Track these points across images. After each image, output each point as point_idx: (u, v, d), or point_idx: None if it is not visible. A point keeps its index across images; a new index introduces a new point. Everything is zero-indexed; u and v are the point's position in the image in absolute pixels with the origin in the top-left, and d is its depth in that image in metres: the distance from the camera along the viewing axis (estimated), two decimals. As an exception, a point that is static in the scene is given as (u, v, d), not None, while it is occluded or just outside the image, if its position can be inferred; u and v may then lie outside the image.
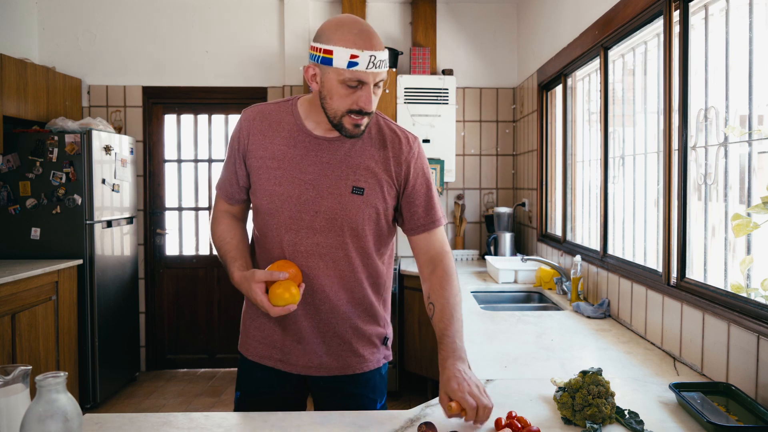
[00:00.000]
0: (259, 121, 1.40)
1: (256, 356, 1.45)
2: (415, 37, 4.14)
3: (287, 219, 1.35)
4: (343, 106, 1.26)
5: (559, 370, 1.59)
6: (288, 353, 1.42)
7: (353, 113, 1.27)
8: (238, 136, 1.41)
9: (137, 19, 4.20)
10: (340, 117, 1.28)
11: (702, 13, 1.78)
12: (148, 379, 4.12)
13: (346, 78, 1.23)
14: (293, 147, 1.36)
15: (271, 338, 1.43)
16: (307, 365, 1.42)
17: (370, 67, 1.22)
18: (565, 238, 3.09)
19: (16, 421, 0.97)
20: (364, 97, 1.25)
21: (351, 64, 1.21)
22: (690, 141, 1.78)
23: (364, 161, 1.36)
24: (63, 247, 3.49)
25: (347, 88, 1.25)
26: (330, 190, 1.34)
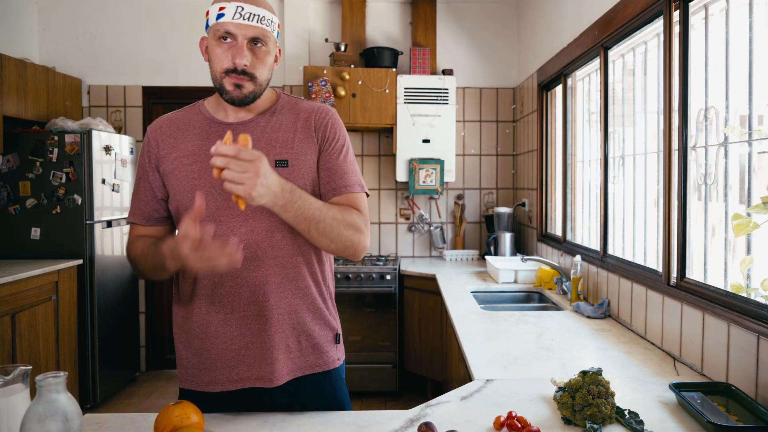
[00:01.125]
0: (166, 127, 1.35)
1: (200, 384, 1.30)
2: (415, 37, 4.14)
3: (214, 211, 1.27)
4: (220, 66, 1.24)
5: (559, 370, 1.59)
6: (234, 367, 1.28)
7: (229, 73, 1.23)
8: (147, 150, 1.35)
9: (137, 19, 4.20)
10: (220, 79, 1.25)
11: (702, 13, 1.78)
12: (148, 379, 4.12)
13: (216, 32, 1.22)
14: (206, 139, 1.30)
15: (210, 358, 1.29)
16: (257, 376, 1.28)
17: (237, 18, 1.20)
18: (565, 238, 3.09)
19: (16, 421, 0.97)
20: (235, 51, 1.21)
21: (219, 17, 1.21)
22: (690, 141, 1.78)
23: (282, 134, 1.31)
24: (63, 247, 3.50)
25: (221, 44, 1.22)
26: None
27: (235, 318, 1.28)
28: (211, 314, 1.29)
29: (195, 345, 1.31)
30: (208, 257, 1.09)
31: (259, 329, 1.28)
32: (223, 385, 1.28)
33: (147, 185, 1.36)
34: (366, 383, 3.62)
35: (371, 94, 3.83)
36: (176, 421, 1.05)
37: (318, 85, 3.73)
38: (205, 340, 1.29)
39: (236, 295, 1.28)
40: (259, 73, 1.25)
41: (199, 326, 1.30)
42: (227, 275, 1.28)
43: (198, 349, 1.30)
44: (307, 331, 1.33)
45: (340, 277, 3.60)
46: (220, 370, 1.28)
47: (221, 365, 1.28)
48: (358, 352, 3.61)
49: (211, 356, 1.29)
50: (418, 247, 4.28)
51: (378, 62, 3.90)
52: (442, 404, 1.31)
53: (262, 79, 1.27)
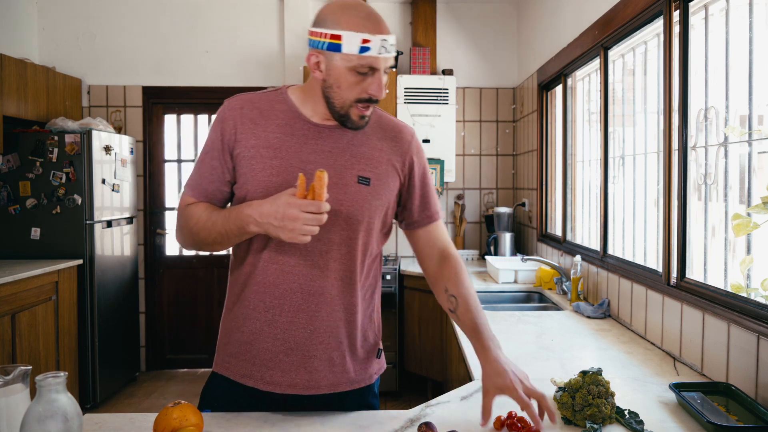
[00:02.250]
0: (248, 109, 1.27)
1: (233, 373, 1.29)
2: (415, 37, 4.14)
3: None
4: (352, 95, 1.19)
5: (559, 370, 1.59)
6: (272, 369, 1.25)
7: (362, 102, 1.20)
8: (222, 127, 1.27)
9: (137, 19, 4.20)
10: (348, 107, 1.20)
11: (702, 13, 1.78)
12: (148, 379, 4.12)
13: (357, 64, 1.15)
14: (291, 135, 1.25)
15: (251, 352, 1.27)
16: (293, 383, 1.25)
17: (382, 52, 1.14)
18: (565, 238, 3.09)
19: (16, 421, 0.97)
20: (375, 84, 1.17)
21: (363, 50, 1.13)
22: (690, 141, 1.78)
23: (368, 151, 1.28)
24: (63, 247, 3.49)
25: (357, 75, 1.16)
26: (334, 180, 1.22)
27: (282, 321, 1.25)
28: (259, 311, 1.26)
29: (236, 336, 1.29)
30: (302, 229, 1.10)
31: (304, 338, 1.25)
32: (255, 381, 1.26)
33: (217, 164, 1.28)
34: (366, 383, 3.62)
35: (371, 94, 3.82)
36: (175, 423, 1.04)
37: (318, 85, 3.73)
38: (246, 334, 1.27)
39: (289, 300, 1.25)
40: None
41: (245, 319, 1.28)
42: (286, 278, 1.25)
43: (238, 341, 1.29)
44: (352, 347, 1.31)
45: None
46: (256, 367, 1.26)
47: (258, 363, 1.26)
48: (358, 352, 3.60)
49: (251, 351, 1.27)
50: (418, 247, 4.27)
51: (378, 62, 3.90)
52: (442, 404, 1.31)
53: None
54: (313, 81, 1.24)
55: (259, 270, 1.26)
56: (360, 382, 1.32)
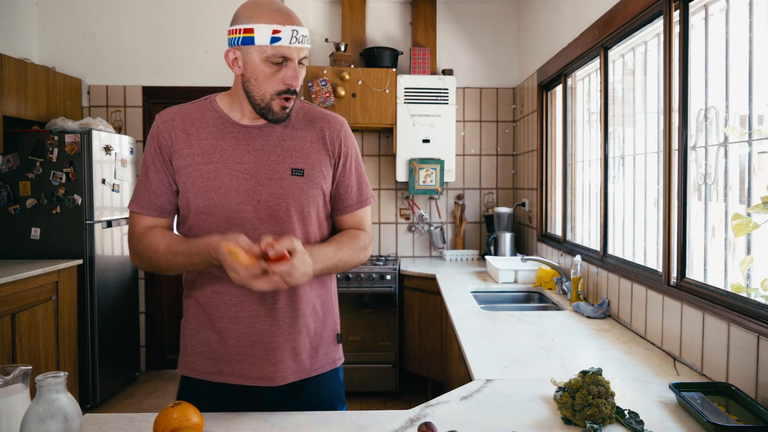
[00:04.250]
0: (178, 120, 1.31)
1: (203, 373, 1.32)
2: (415, 37, 4.14)
3: (228, 213, 1.27)
4: (270, 88, 1.23)
5: (559, 370, 1.59)
6: (240, 362, 1.30)
7: (281, 94, 1.24)
8: (157, 141, 1.30)
9: (137, 19, 4.20)
10: (269, 100, 1.25)
11: (702, 13, 1.78)
12: (148, 379, 4.12)
13: (270, 55, 1.20)
14: (222, 139, 1.29)
15: (217, 350, 1.31)
16: (261, 375, 1.30)
17: (293, 41, 1.20)
18: (565, 238, 3.09)
19: (16, 421, 0.97)
20: (290, 74, 1.22)
21: (274, 40, 1.19)
22: (690, 141, 1.78)
23: (298, 144, 1.32)
24: (63, 247, 3.50)
25: (271, 66, 1.22)
26: (269, 176, 1.28)
27: (245, 316, 1.30)
28: (221, 309, 1.31)
29: (202, 335, 1.33)
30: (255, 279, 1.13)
31: (266, 330, 1.30)
32: (225, 377, 1.31)
33: (162, 176, 1.31)
34: (366, 383, 3.62)
35: (371, 94, 3.83)
36: (175, 423, 1.05)
37: (318, 85, 3.73)
38: (212, 333, 1.31)
39: (247, 294, 1.29)
40: (299, 88, 1.28)
41: (209, 319, 1.32)
42: None
43: (204, 339, 1.32)
44: (313, 335, 1.36)
45: (340, 277, 3.60)
46: (225, 363, 1.31)
47: (227, 359, 1.30)
48: (358, 352, 3.60)
49: (218, 349, 1.31)
50: (418, 247, 4.28)
51: (378, 62, 3.90)
52: (442, 404, 1.31)
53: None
54: (236, 81, 1.30)
55: (216, 269, 1.28)
56: (324, 367, 1.38)
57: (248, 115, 1.31)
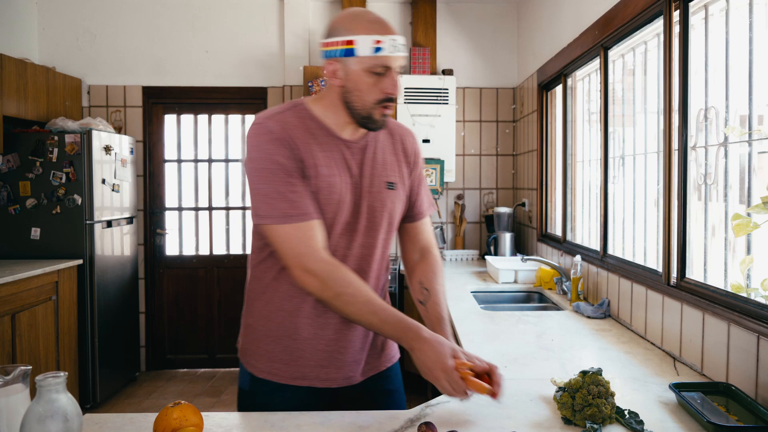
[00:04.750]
0: (292, 129, 1.27)
1: (288, 379, 1.34)
2: (415, 37, 4.14)
3: (342, 225, 1.32)
4: (371, 97, 1.26)
5: (559, 370, 1.59)
6: (327, 367, 1.35)
7: (382, 102, 1.27)
8: (286, 149, 1.24)
9: (137, 19, 4.20)
10: (370, 108, 1.27)
11: (702, 13, 1.78)
12: (148, 379, 4.12)
13: (372, 65, 1.23)
14: (330, 152, 1.30)
15: (304, 357, 1.34)
16: (347, 377, 1.37)
17: (394, 51, 1.24)
18: (565, 238, 3.09)
19: (16, 421, 0.97)
20: (390, 83, 1.25)
21: (376, 50, 1.22)
22: (690, 141, 1.78)
23: (388, 157, 1.39)
24: (63, 247, 3.50)
25: (372, 76, 1.24)
26: (368, 189, 1.35)
27: (334, 323, 1.35)
28: (311, 317, 1.34)
29: (286, 342, 1.35)
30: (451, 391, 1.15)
31: (352, 335, 1.37)
32: (311, 381, 1.35)
33: (301, 182, 1.25)
34: (366, 383, 3.62)
35: (371, 94, 3.82)
36: (175, 423, 1.04)
37: (318, 85, 3.73)
38: (297, 340, 1.34)
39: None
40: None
41: (294, 326, 1.34)
42: None
43: (288, 346, 1.34)
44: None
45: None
46: (310, 368, 1.35)
47: (313, 364, 1.35)
48: (358, 352, 3.60)
49: (304, 355, 1.34)
50: (418, 247, 4.27)
51: (378, 62, 3.90)
52: (442, 404, 1.31)
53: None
54: (330, 91, 1.31)
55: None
56: (395, 357, 1.52)
57: (345, 127, 1.33)
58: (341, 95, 1.28)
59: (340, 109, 1.31)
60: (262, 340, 1.37)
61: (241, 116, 4.33)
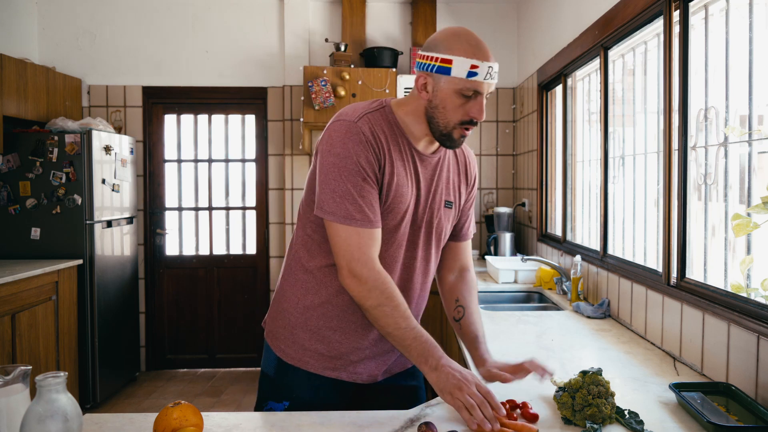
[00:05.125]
0: (379, 133, 1.29)
1: (318, 368, 1.39)
2: (415, 37, 4.14)
3: (401, 235, 1.35)
4: (455, 117, 1.27)
5: (559, 370, 1.59)
6: (369, 364, 1.41)
7: (464, 124, 1.28)
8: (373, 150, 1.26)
9: (137, 19, 4.21)
10: (452, 128, 1.28)
11: (702, 13, 1.78)
12: (148, 379, 4.12)
13: (463, 88, 1.23)
14: (407, 162, 1.33)
15: (349, 357, 1.39)
16: (370, 374, 1.42)
17: (488, 77, 1.24)
18: (565, 238, 3.09)
19: (16, 421, 0.97)
20: (477, 107, 1.26)
21: (471, 74, 1.22)
22: (690, 141, 1.78)
23: (451, 175, 1.43)
24: (63, 247, 3.50)
25: (461, 98, 1.25)
26: (430, 204, 1.38)
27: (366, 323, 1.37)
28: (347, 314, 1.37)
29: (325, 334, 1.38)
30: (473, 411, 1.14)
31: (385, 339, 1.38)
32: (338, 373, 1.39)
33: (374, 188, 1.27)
34: (366, 383, 3.62)
35: (371, 94, 3.83)
36: (175, 423, 1.04)
37: (318, 85, 3.73)
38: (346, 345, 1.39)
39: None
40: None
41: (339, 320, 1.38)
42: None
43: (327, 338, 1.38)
44: None
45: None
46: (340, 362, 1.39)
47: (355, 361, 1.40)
48: (358, 352, 3.60)
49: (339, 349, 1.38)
50: (418, 247, 4.27)
51: (378, 62, 3.90)
52: (442, 404, 1.31)
53: None
54: (415, 101, 1.32)
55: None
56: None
57: (421, 139, 1.35)
58: (426, 108, 1.30)
59: (421, 120, 1.32)
60: (298, 328, 1.39)
61: (241, 116, 4.33)
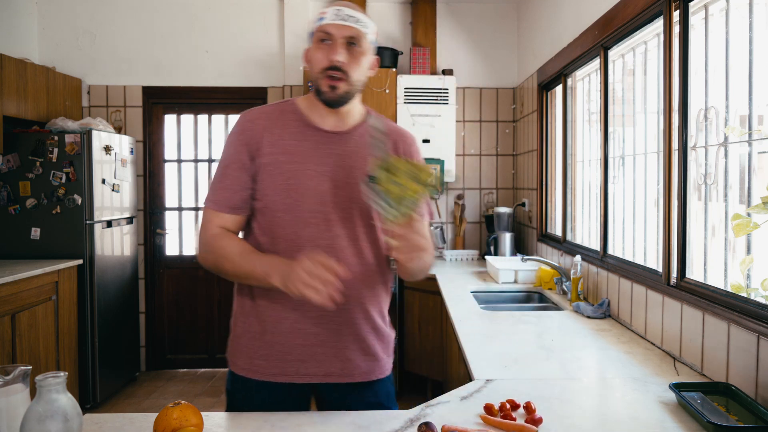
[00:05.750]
0: (264, 120, 1.36)
1: (267, 375, 1.34)
2: (415, 37, 4.14)
3: (306, 213, 1.31)
4: (317, 66, 1.30)
5: (559, 370, 1.59)
6: (306, 361, 1.33)
7: (327, 71, 1.28)
8: (246, 137, 1.34)
9: (137, 19, 4.20)
10: (318, 80, 1.31)
11: (702, 13, 1.78)
12: (148, 379, 4.12)
13: (317, 36, 1.29)
14: (303, 141, 1.34)
15: (283, 351, 1.33)
16: (328, 372, 1.34)
17: (335, 19, 1.27)
18: (565, 238, 3.09)
19: (16, 421, 0.97)
20: (332, 50, 1.28)
21: (320, 19, 1.29)
22: (690, 141, 1.78)
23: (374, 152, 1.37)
24: (63, 247, 3.49)
25: (320, 46, 1.29)
26: (346, 180, 1.33)
27: (312, 316, 1.32)
28: (287, 311, 1.33)
29: (267, 338, 1.34)
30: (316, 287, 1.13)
31: (335, 329, 1.34)
32: (291, 377, 1.33)
33: (241, 174, 1.33)
34: (366, 383, 3.62)
35: (371, 94, 3.83)
36: (175, 423, 1.04)
37: (318, 85, 3.73)
38: (277, 335, 1.33)
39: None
40: (353, 73, 1.31)
41: (274, 321, 1.34)
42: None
43: (270, 341, 1.34)
44: (379, 336, 1.40)
45: (340, 277, 3.60)
46: (289, 364, 1.33)
47: (292, 359, 1.33)
48: (358, 352, 3.60)
49: (284, 350, 1.33)
50: (418, 247, 4.27)
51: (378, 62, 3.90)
52: (442, 404, 1.31)
53: (356, 80, 1.33)
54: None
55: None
56: (387, 370, 1.43)
57: (326, 117, 1.37)
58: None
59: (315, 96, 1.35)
60: (242, 337, 1.38)
61: (241, 116, 4.33)
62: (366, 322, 1.37)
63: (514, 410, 1.25)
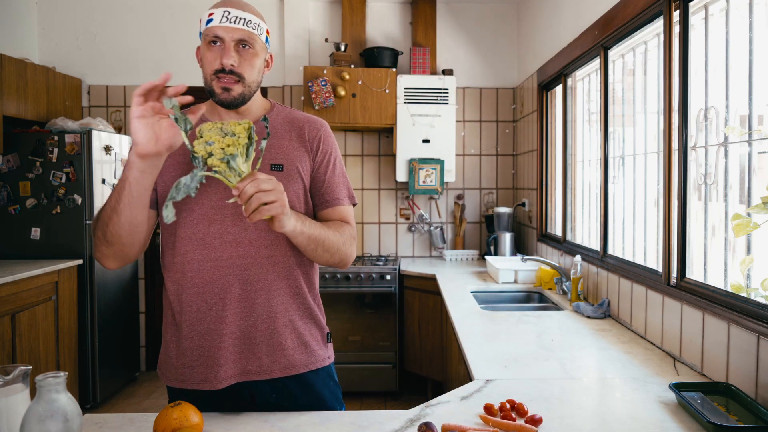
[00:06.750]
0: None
1: (194, 383, 1.28)
2: (415, 37, 4.14)
3: (209, 210, 1.27)
4: (209, 68, 1.28)
5: (559, 370, 1.59)
6: (224, 364, 1.26)
7: (216, 74, 1.27)
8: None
9: (137, 19, 4.20)
10: (210, 83, 1.29)
11: (702, 13, 1.78)
12: (148, 379, 4.11)
13: (206, 38, 1.27)
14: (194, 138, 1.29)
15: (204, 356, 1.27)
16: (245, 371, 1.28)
17: (224, 21, 1.25)
18: (565, 238, 3.09)
19: (16, 421, 0.97)
20: (223, 53, 1.26)
21: (208, 22, 1.27)
22: (690, 141, 1.78)
23: (277, 141, 1.35)
24: (63, 247, 3.49)
25: (210, 48, 1.27)
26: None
27: (227, 315, 1.28)
28: (202, 311, 1.28)
29: (185, 344, 1.29)
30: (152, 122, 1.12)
31: (250, 326, 1.29)
32: (212, 383, 1.26)
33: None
34: (366, 383, 3.62)
35: (371, 94, 3.83)
36: (175, 423, 1.04)
37: (318, 85, 3.73)
38: (196, 339, 1.28)
39: (228, 293, 1.28)
40: (246, 74, 1.29)
41: (189, 325, 1.29)
42: (221, 272, 1.27)
43: (188, 348, 1.29)
44: (298, 330, 1.35)
45: (339, 277, 3.60)
46: (210, 368, 1.27)
47: (211, 363, 1.27)
48: (358, 352, 3.60)
49: (203, 354, 1.28)
50: (418, 247, 4.28)
51: (378, 62, 3.90)
52: (442, 404, 1.31)
53: (250, 81, 1.30)
54: None
55: (193, 272, 1.28)
56: (314, 363, 1.36)
57: (225, 118, 1.35)
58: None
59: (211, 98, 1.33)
60: (169, 347, 1.34)
61: (241, 116, 4.32)
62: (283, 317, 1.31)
63: (514, 410, 1.25)
